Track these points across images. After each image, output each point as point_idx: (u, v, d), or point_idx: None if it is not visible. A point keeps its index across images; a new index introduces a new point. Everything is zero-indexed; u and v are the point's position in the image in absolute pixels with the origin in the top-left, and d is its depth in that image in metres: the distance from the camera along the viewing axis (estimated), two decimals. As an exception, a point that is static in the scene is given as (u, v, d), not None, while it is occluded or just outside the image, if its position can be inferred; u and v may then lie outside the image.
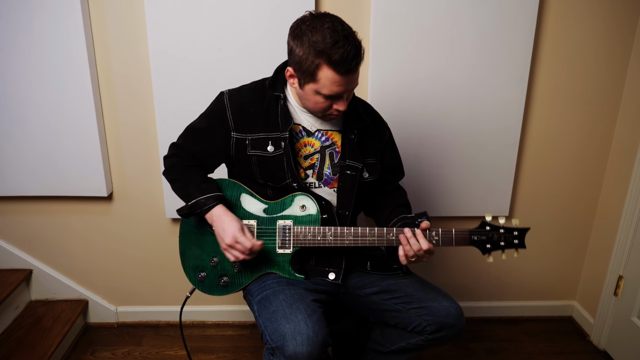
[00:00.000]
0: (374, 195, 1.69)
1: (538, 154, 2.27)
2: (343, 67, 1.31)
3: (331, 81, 1.34)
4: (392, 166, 1.71)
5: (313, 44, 1.30)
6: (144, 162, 2.20)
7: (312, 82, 1.36)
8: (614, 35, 2.09)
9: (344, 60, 1.30)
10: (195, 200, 1.49)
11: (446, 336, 1.50)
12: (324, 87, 1.35)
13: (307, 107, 1.47)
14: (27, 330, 2.17)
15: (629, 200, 2.11)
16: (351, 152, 1.54)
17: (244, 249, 1.43)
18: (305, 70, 1.35)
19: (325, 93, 1.36)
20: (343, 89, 1.36)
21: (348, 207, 1.56)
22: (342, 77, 1.33)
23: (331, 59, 1.30)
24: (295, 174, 1.49)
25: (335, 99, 1.40)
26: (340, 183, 1.55)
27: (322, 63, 1.31)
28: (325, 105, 1.41)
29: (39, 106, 2.05)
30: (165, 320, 2.47)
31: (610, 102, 2.19)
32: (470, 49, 2.04)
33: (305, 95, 1.42)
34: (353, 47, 1.30)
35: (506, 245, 1.47)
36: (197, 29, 1.98)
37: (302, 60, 1.34)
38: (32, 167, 2.13)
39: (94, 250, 2.35)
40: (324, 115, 1.46)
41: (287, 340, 1.29)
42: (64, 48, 1.98)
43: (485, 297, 2.53)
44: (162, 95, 2.05)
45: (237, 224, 1.46)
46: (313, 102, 1.42)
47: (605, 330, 2.28)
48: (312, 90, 1.38)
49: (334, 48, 1.29)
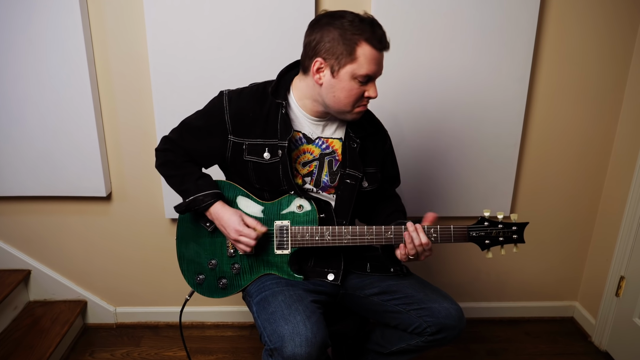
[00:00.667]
0: (371, 202, 1.68)
1: (539, 154, 2.26)
2: (380, 43, 1.36)
3: (369, 58, 1.36)
4: (391, 174, 1.71)
5: (348, 25, 1.35)
6: (143, 162, 2.20)
7: (350, 63, 1.36)
8: (616, 33, 2.09)
9: (379, 36, 1.36)
10: (193, 198, 1.50)
11: (447, 337, 1.50)
12: (362, 66, 1.36)
13: (336, 102, 1.43)
14: (25, 331, 2.17)
15: (631, 200, 2.11)
16: (352, 161, 1.53)
17: (248, 240, 1.46)
18: (342, 53, 1.36)
19: (362, 73, 1.37)
20: (378, 68, 1.39)
21: (346, 216, 1.55)
22: (379, 53, 1.37)
23: (369, 34, 1.35)
24: (291, 181, 1.49)
25: (368, 83, 1.41)
26: (339, 192, 1.54)
27: (360, 39, 1.34)
28: (359, 92, 1.41)
29: (37, 106, 2.05)
30: (165, 321, 2.47)
31: (612, 102, 2.19)
32: (471, 48, 2.04)
33: (339, 84, 1.39)
34: (381, 27, 1.38)
35: (505, 240, 1.46)
36: (197, 28, 1.98)
37: (336, 44, 1.36)
38: (31, 167, 2.13)
39: (92, 251, 2.34)
40: (352, 109, 1.44)
41: (286, 342, 1.29)
42: (63, 47, 1.97)
43: (485, 297, 2.52)
44: (161, 94, 2.05)
45: (236, 217, 1.48)
46: (347, 91, 1.40)
47: (606, 331, 2.28)
48: (348, 74, 1.38)
49: (366, 26, 1.35)
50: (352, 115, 1.47)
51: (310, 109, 1.50)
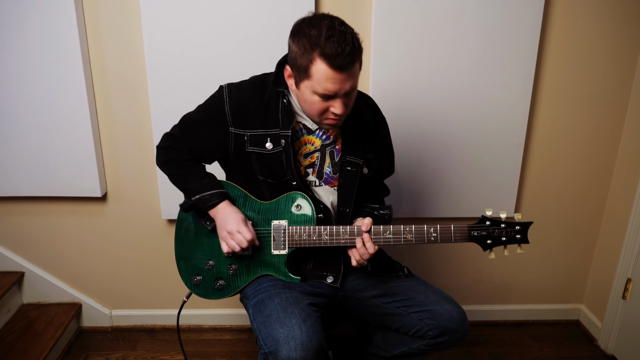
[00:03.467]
0: (368, 191, 1.67)
1: (544, 153, 2.26)
2: (335, 62, 1.28)
3: (325, 77, 1.31)
4: (385, 163, 1.71)
5: (308, 38, 1.30)
6: (139, 162, 2.19)
7: (307, 79, 1.35)
8: (622, 30, 2.08)
9: (337, 54, 1.27)
10: (200, 196, 1.50)
11: (449, 341, 1.49)
12: (318, 84, 1.33)
13: (304, 110, 1.45)
14: (18, 335, 2.16)
15: (638, 200, 2.10)
16: (352, 148, 1.54)
17: (242, 239, 1.45)
18: (300, 66, 1.34)
19: (319, 91, 1.34)
20: (338, 88, 1.33)
21: (349, 204, 1.55)
22: (335, 72, 1.30)
23: (324, 51, 1.28)
24: (294, 171, 1.49)
25: (330, 100, 1.37)
26: (341, 180, 1.55)
27: (315, 57, 1.30)
28: (321, 107, 1.38)
29: (31, 104, 2.04)
30: (161, 324, 2.47)
31: (618, 100, 2.19)
32: (475, 46, 2.03)
33: (302, 95, 1.40)
34: (349, 44, 1.28)
35: (508, 240, 1.44)
36: (194, 25, 1.98)
37: (297, 56, 1.34)
38: (24, 167, 2.13)
39: (87, 252, 2.34)
40: (320, 120, 1.43)
41: (281, 345, 1.29)
42: (57, 44, 1.97)
43: (489, 300, 2.52)
44: (158, 92, 2.05)
45: (241, 215, 1.49)
46: (309, 103, 1.39)
47: (613, 335, 2.27)
48: (307, 89, 1.36)
49: (328, 42, 1.28)
50: (324, 126, 1.47)
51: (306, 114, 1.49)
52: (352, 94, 1.41)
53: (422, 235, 1.45)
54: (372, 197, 1.68)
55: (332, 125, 1.45)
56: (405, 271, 1.64)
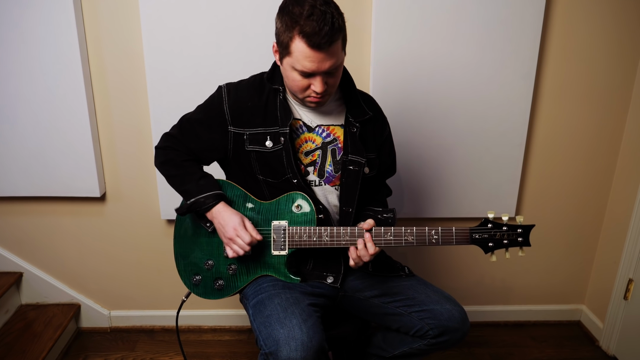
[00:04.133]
0: (369, 191, 1.67)
1: (545, 153, 2.26)
2: (313, 40, 1.30)
3: (303, 55, 1.33)
4: (386, 163, 1.70)
5: (290, 16, 1.32)
6: (138, 162, 2.19)
7: (288, 56, 1.37)
8: (624, 29, 2.08)
9: (315, 33, 1.29)
10: (195, 199, 1.50)
11: (450, 340, 1.49)
12: (297, 61, 1.35)
13: (288, 86, 1.46)
14: (17, 336, 2.16)
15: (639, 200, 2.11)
16: (353, 147, 1.54)
17: (242, 244, 1.45)
18: (282, 43, 1.36)
19: (298, 69, 1.36)
20: (315, 67, 1.34)
21: (352, 204, 1.55)
22: (312, 51, 1.31)
23: (303, 29, 1.30)
24: (294, 169, 1.49)
25: (310, 77, 1.38)
26: (343, 179, 1.54)
27: (295, 34, 1.31)
28: (302, 84, 1.40)
29: (29, 103, 2.05)
30: (160, 325, 2.47)
31: (620, 99, 2.19)
32: (475, 45, 2.03)
33: (285, 72, 1.42)
34: (328, 23, 1.29)
35: (510, 243, 1.44)
36: (193, 24, 1.98)
37: (280, 33, 1.36)
38: (22, 167, 2.13)
39: (86, 253, 2.34)
40: (303, 98, 1.45)
41: (281, 346, 1.29)
42: (56, 43, 1.97)
43: (490, 301, 2.52)
44: (157, 92, 2.05)
45: (237, 217, 1.47)
46: (291, 79, 1.41)
47: (614, 335, 2.27)
48: (288, 65, 1.38)
49: (307, 20, 1.29)
50: (308, 104, 1.49)
51: (289, 90, 1.50)
52: (336, 74, 1.41)
53: (423, 237, 1.45)
54: (374, 199, 1.68)
55: (315, 102, 1.46)
56: (406, 271, 1.64)
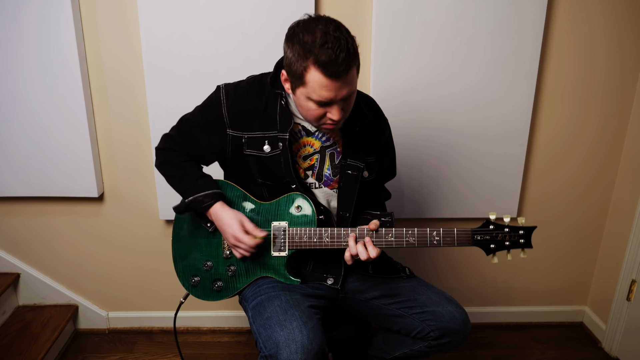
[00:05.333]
0: (368, 194, 1.66)
1: (547, 153, 2.26)
2: (330, 69, 1.26)
3: (319, 85, 1.29)
4: (386, 165, 1.70)
5: (302, 45, 1.28)
6: (137, 162, 2.19)
7: (302, 86, 1.33)
8: (627, 27, 2.08)
9: (332, 61, 1.25)
10: (193, 198, 1.51)
11: (451, 342, 1.50)
12: (313, 91, 1.31)
13: (302, 114, 1.44)
14: (14, 337, 2.16)
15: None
16: (353, 151, 1.53)
17: (247, 247, 1.46)
18: (295, 73, 1.32)
19: (314, 99, 1.33)
20: (333, 95, 1.32)
21: (349, 208, 1.55)
22: (330, 80, 1.28)
23: (318, 59, 1.26)
24: (293, 175, 1.49)
25: (327, 106, 1.36)
26: (341, 183, 1.54)
27: (309, 65, 1.28)
28: (318, 113, 1.37)
29: (26, 103, 2.05)
30: (159, 326, 2.47)
31: (623, 99, 2.19)
32: (477, 44, 2.03)
33: (298, 101, 1.39)
34: (344, 50, 1.26)
35: (511, 245, 1.44)
36: (192, 23, 1.98)
37: (291, 63, 1.32)
38: (20, 167, 2.13)
39: (84, 253, 2.34)
40: (319, 125, 1.43)
41: (281, 348, 1.29)
42: (53, 42, 1.97)
43: (492, 302, 2.52)
44: (155, 91, 2.05)
45: (235, 222, 1.47)
46: (306, 109, 1.38)
47: (617, 337, 2.27)
48: (303, 95, 1.35)
49: (322, 49, 1.25)
50: (323, 130, 1.48)
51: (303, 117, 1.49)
52: (351, 99, 1.39)
53: (425, 238, 1.45)
54: (371, 202, 1.68)
55: (330, 129, 1.45)
56: (406, 272, 1.64)
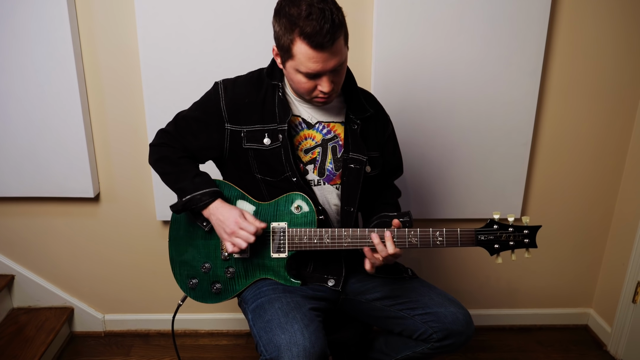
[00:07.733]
0: (373, 192, 1.66)
1: (552, 152, 2.26)
2: (315, 40, 1.29)
3: (306, 56, 1.33)
4: (392, 162, 1.71)
5: (288, 17, 1.31)
6: (133, 161, 2.19)
7: (290, 59, 1.37)
8: (632, 25, 2.08)
9: (316, 32, 1.28)
10: (190, 197, 1.49)
11: (454, 344, 1.49)
12: (301, 64, 1.35)
13: (294, 88, 1.48)
14: (8, 340, 2.16)
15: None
16: (355, 145, 1.54)
17: (247, 234, 1.42)
18: (283, 46, 1.36)
19: (303, 71, 1.36)
20: (320, 67, 1.35)
21: (353, 203, 1.55)
22: (316, 52, 1.32)
23: (303, 31, 1.29)
24: (293, 167, 1.49)
25: (316, 78, 1.39)
26: (345, 178, 1.54)
27: (295, 37, 1.31)
28: (308, 86, 1.41)
29: (21, 101, 2.05)
30: (156, 329, 2.47)
31: (629, 97, 2.19)
32: (480, 41, 2.04)
33: (288, 75, 1.43)
34: (328, 21, 1.28)
35: (516, 244, 1.44)
36: (190, 20, 1.98)
37: (279, 36, 1.36)
38: (14, 166, 2.13)
39: (79, 255, 2.34)
40: (311, 99, 1.46)
41: (282, 352, 1.29)
42: (48, 39, 1.97)
43: (495, 304, 2.52)
44: (152, 90, 2.05)
45: (236, 210, 1.46)
46: (296, 82, 1.42)
47: (623, 340, 2.27)
48: (292, 69, 1.39)
49: (306, 20, 1.29)
50: (315, 103, 1.50)
51: (295, 92, 1.51)
52: (340, 71, 1.42)
53: (428, 239, 1.44)
54: (384, 202, 1.68)
55: (323, 102, 1.47)
56: (409, 273, 1.64)
